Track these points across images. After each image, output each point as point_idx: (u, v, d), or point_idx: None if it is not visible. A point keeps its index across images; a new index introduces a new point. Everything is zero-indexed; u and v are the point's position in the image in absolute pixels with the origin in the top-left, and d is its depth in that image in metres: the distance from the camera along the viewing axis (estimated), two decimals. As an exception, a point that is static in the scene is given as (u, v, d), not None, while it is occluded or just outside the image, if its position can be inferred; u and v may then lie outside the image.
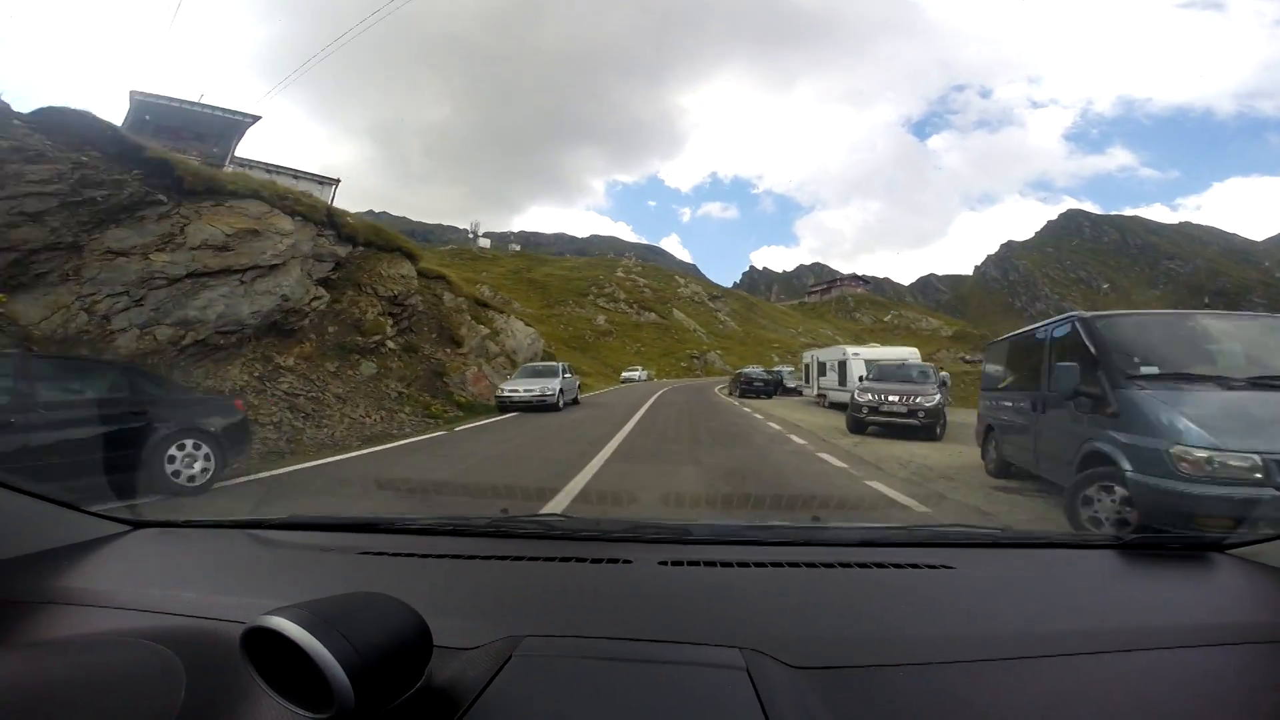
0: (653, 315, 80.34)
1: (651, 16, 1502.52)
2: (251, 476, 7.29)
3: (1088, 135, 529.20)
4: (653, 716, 0.81)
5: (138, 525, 1.69)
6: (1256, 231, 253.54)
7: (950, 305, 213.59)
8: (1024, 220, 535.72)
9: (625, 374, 51.32)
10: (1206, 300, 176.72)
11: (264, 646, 0.74)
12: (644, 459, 8.78)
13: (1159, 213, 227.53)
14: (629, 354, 68.67)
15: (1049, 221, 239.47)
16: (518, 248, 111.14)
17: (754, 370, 36.66)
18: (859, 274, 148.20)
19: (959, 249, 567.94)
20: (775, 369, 41.14)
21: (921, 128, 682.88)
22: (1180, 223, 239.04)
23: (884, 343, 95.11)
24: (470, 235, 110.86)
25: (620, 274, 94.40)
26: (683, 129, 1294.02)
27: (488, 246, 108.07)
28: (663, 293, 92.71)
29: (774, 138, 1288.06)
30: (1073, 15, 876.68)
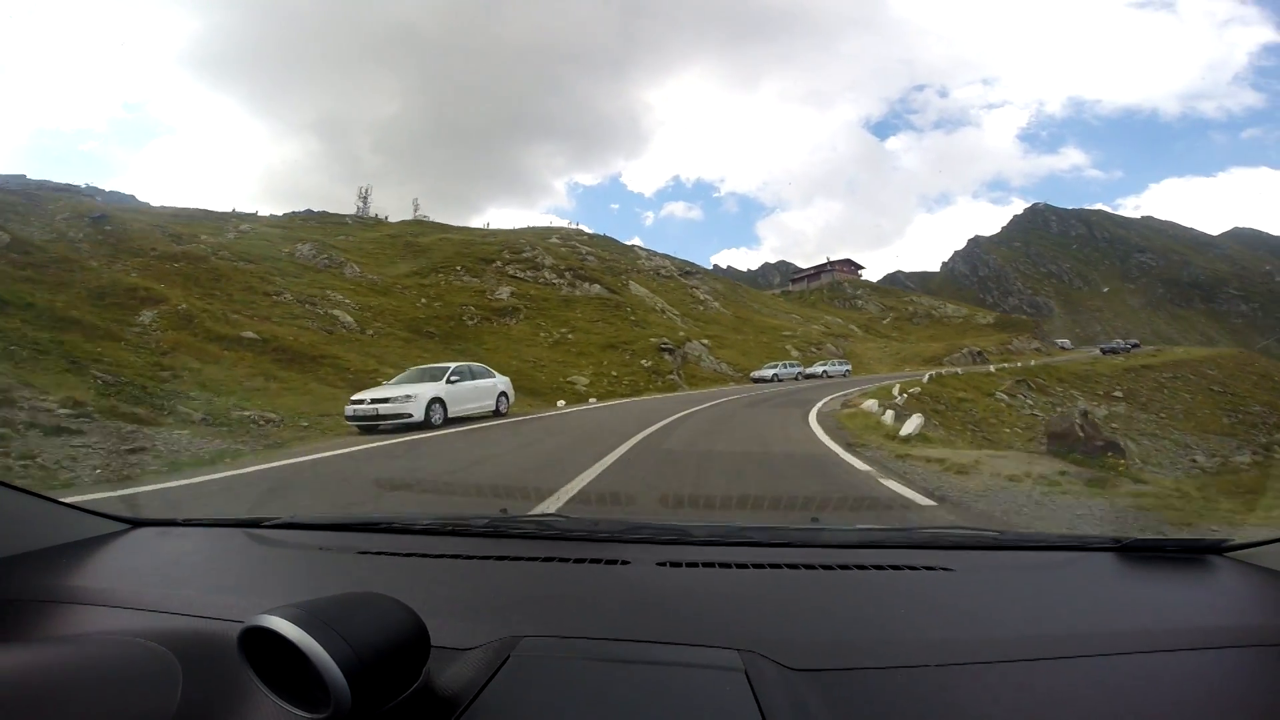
0: (596, 288, 44.20)
1: (617, 4, 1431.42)
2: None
3: (1039, 137, 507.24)
4: (650, 718, 0.77)
5: (136, 524, 1.60)
6: (1208, 227, 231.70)
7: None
8: (977, 221, 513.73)
9: (365, 399, 11.14)
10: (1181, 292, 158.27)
11: (261, 646, 0.70)
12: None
13: (1103, 213, 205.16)
14: (543, 346, 32.67)
15: (1015, 217, 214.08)
16: (426, 215, 74.28)
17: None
18: (850, 259, 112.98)
19: (917, 249, 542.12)
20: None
21: (882, 128, 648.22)
22: (1143, 216, 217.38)
23: (904, 335, 60.74)
24: (359, 202, 76.67)
25: (555, 241, 58.22)
26: (648, 127, 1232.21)
27: (373, 214, 72.37)
28: (615, 263, 56.89)
29: (738, 137, 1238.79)
30: (1031, 12, 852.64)
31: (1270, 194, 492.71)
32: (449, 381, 12.24)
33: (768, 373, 33.19)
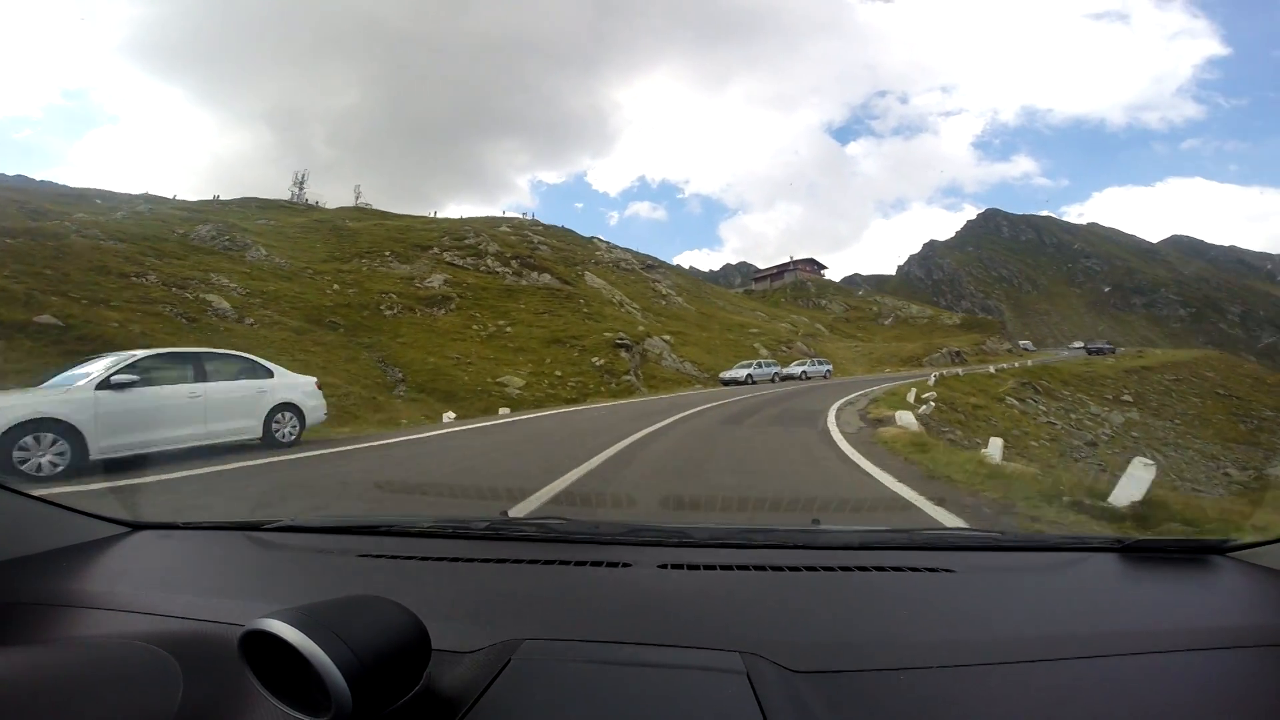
0: (545, 278, 38.71)
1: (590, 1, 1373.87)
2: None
3: (992, 144, 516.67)
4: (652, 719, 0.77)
5: (137, 527, 1.53)
6: (1148, 234, 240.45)
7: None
8: (930, 227, 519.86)
9: None
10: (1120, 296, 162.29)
11: (262, 649, 0.68)
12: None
13: (1052, 219, 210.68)
14: (474, 340, 27.09)
15: (969, 222, 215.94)
16: (368, 203, 67.24)
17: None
18: (813, 258, 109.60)
19: (872, 253, 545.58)
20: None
21: (843, 133, 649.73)
22: (1089, 223, 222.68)
23: (870, 334, 55.35)
24: (294, 187, 69.54)
25: (505, 229, 52.50)
26: (615, 125, 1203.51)
27: (310, 200, 65.57)
28: (571, 254, 51.47)
29: (704, 138, 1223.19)
30: (994, 20, 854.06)
31: (1205, 203, 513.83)
32: (106, 386, 6.01)
33: (740, 373, 28.15)
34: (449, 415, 11.11)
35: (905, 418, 9.41)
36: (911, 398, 15.23)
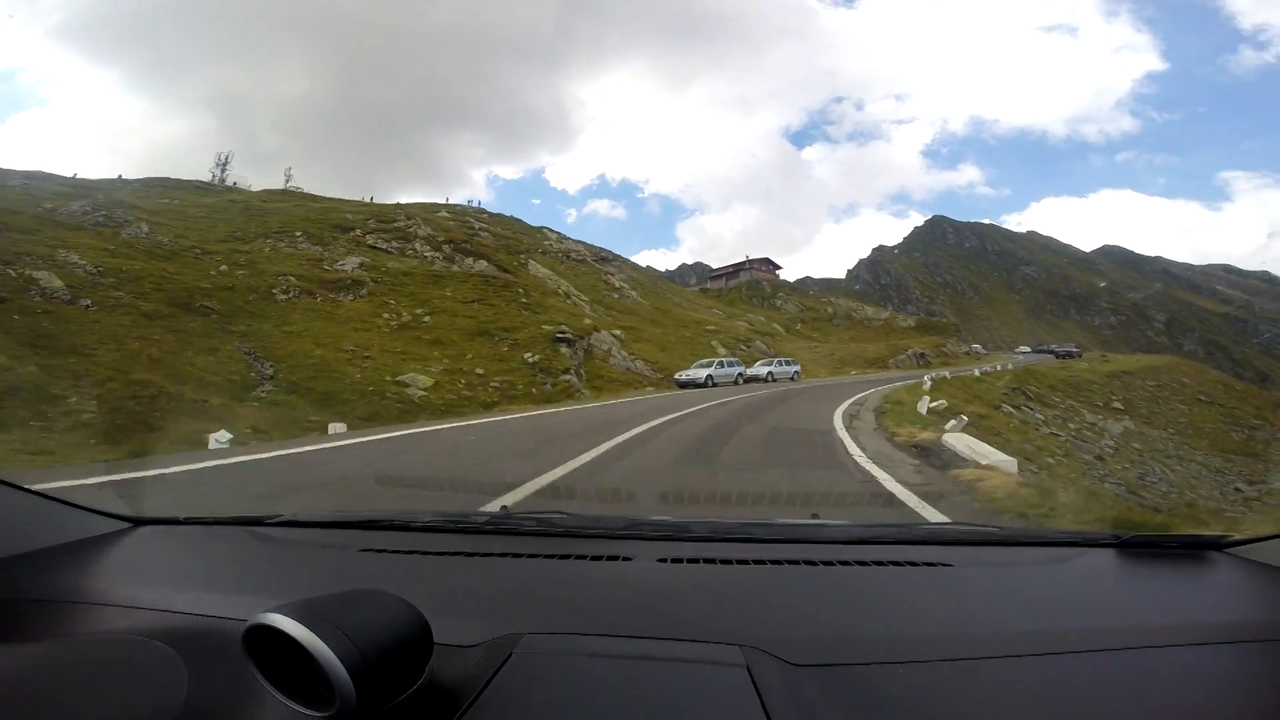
0: (482, 264, 34.21)
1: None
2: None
3: (940, 153, 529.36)
4: (653, 713, 0.76)
5: (139, 523, 1.51)
6: (1081, 243, 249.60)
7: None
8: (878, 233, 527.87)
9: None
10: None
11: (265, 644, 0.68)
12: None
13: (994, 227, 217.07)
14: (382, 330, 22.48)
15: (916, 228, 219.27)
16: (299, 187, 60.61)
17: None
18: (769, 258, 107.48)
19: (823, 257, 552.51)
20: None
21: (800, 138, 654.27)
22: (1028, 231, 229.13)
23: (825, 335, 53.15)
24: (216, 169, 62.62)
25: (444, 215, 47.71)
26: (577, 122, 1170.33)
27: (232, 182, 58.84)
28: (516, 242, 47.00)
29: (665, 138, 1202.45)
30: (949, 29, 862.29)
31: (1135, 215, 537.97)
32: None
33: (699, 374, 24.22)
34: (219, 436, 6.88)
35: (983, 450, 5.69)
36: (924, 408, 11.63)
